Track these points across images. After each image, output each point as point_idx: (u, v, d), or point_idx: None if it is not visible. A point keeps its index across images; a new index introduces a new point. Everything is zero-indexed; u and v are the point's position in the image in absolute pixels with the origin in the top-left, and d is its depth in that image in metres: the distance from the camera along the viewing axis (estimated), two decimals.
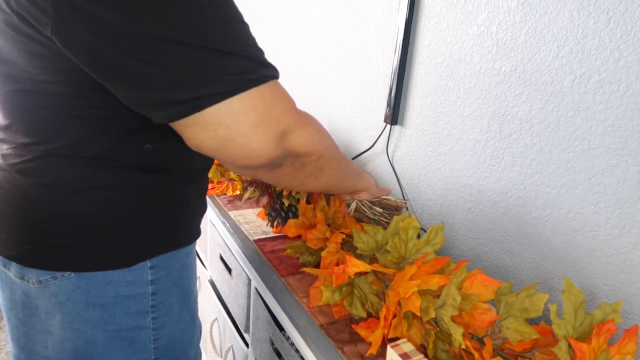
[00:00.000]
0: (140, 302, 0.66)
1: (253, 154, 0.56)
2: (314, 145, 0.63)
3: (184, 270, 0.73)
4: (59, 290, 0.62)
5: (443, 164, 1.05)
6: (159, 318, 0.69)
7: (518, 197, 0.89)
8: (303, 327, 0.75)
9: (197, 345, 0.81)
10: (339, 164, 0.74)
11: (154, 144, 0.61)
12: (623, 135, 0.70)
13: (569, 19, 0.76)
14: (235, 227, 1.08)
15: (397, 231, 0.80)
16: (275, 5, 1.74)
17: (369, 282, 0.76)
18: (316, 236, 0.88)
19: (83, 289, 0.62)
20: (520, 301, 0.62)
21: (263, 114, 0.54)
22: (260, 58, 0.55)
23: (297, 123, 0.59)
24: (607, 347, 0.57)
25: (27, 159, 0.60)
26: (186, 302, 0.75)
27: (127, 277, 0.64)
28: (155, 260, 0.67)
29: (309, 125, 0.61)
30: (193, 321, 0.78)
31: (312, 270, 0.78)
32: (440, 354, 0.67)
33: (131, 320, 0.66)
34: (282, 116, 0.56)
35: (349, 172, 0.81)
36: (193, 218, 0.74)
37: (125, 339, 0.66)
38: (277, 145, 0.57)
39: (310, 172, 0.68)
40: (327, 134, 0.67)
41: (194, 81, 0.51)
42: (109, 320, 0.64)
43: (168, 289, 0.70)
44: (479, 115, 0.95)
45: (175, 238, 0.70)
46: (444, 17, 0.99)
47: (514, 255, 0.91)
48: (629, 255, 0.72)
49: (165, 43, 0.49)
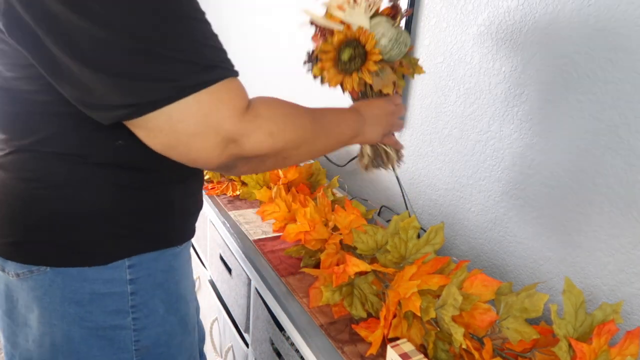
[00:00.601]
0: (119, 301, 0.65)
1: (197, 162, 0.56)
2: (266, 148, 0.58)
3: (171, 272, 0.71)
4: (36, 284, 0.62)
5: (443, 164, 1.05)
6: (140, 319, 0.67)
7: (518, 197, 0.89)
8: (303, 327, 0.75)
9: (189, 351, 0.78)
10: (311, 147, 0.67)
11: (126, 141, 0.58)
12: (623, 135, 0.70)
13: (569, 19, 0.76)
14: (235, 227, 1.08)
15: (396, 231, 0.80)
16: (275, 6, 1.74)
17: (369, 282, 0.76)
18: (314, 237, 0.88)
19: (59, 284, 0.62)
20: (520, 301, 0.62)
21: (200, 123, 0.52)
22: (203, 60, 0.53)
23: (243, 129, 0.55)
24: (607, 348, 0.57)
25: (4, 153, 0.61)
26: (174, 305, 0.72)
27: (104, 274, 0.63)
28: (135, 259, 0.65)
29: (258, 130, 0.57)
30: (184, 325, 0.75)
31: (312, 270, 0.78)
32: (440, 353, 0.67)
33: (109, 319, 0.65)
34: (223, 124, 0.53)
35: (330, 143, 0.72)
36: (181, 219, 0.72)
37: (104, 337, 0.65)
38: (221, 153, 0.55)
39: (273, 164, 0.65)
40: (289, 127, 0.61)
41: (130, 87, 0.50)
42: (86, 317, 0.63)
43: (150, 290, 0.68)
44: (479, 115, 0.95)
45: (157, 238, 0.68)
46: (444, 17, 0.99)
47: (514, 255, 0.91)
48: (629, 256, 0.72)
49: (99, 44, 0.48)
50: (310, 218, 0.92)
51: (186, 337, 0.76)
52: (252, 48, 1.98)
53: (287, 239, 0.92)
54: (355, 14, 0.75)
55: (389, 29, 0.76)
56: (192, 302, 0.79)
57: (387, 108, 0.80)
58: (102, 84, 0.50)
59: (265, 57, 1.87)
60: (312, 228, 0.90)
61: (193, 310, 0.79)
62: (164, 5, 0.50)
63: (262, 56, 1.89)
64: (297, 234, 0.92)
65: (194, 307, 0.80)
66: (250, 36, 1.99)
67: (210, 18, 0.57)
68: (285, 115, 0.61)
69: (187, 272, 0.78)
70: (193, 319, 0.79)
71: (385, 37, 0.76)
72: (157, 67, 0.50)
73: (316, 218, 0.92)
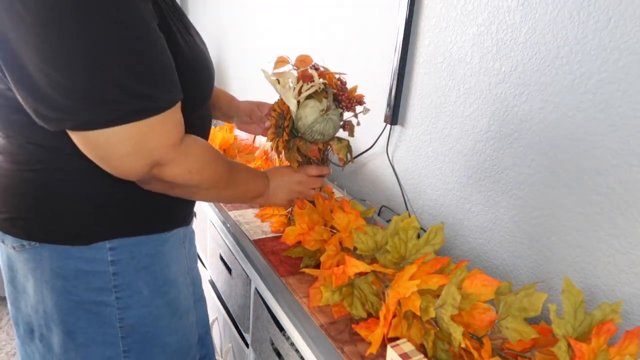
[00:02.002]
0: (102, 279, 0.70)
1: (122, 174, 0.63)
2: (181, 180, 0.67)
3: (158, 256, 0.75)
4: (29, 256, 0.69)
5: (443, 164, 1.05)
6: (123, 298, 0.71)
7: (518, 197, 0.89)
8: (303, 327, 0.75)
9: (181, 333, 0.81)
10: (218, 193, 0.77)
11: None
12: (624, 135, 0.70)
13: (568, 19, 0.76)
14: (235, 227, 1.08)
15: (396, 231, 0.80)
16: (274, 6, 1.74)
17: (369, 282, 0.76)
18: (314, 237, 0.88)
19: (47, 258, 0.68)
20: (519, 301, 0.62)
21: (138, 145, 0.60)
22: (147, 91, 0.58)
23: (169, 159, 0.64)
24: (606, 348, 0.57)
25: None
26: (161, 289, 0.75)
27: (86, 254, 0.68)
28: (116, 242, 0.70)
29: (181, 164, 0.65)
30: (173, 308, 0.78)
31: (312, 271, 0.78)
32: (440, 353, 0.67)
33: (93, 294, 0.70)
34: (157, 150, 0.61)
35: (235, 195, 0.82)
36: (165, 207, 0.75)
37: (90, 311, 0.70)
38: (146, 172, 0.63)
39: (182, 193, 0.73)
40: (207, 171, 0.70)
41: (76, 106, 0.55)
42: (72, 291, 0.69)
43: (133, 272, 0.72)
44: (479, 115, 0.95)
45: (139, 224, 0.72)
46: (444, 17, 0.99)
47: (514, 255, 0.91)
48: (629, 256, 0.72)
49: (48, 60, 0.53)
50: (308, 220, 0.92)
51: (176, 320, 0.79)
52: (251, 48, 1.98)
53: (286, 242, 0.92)
54: (286, 92, 0.82)
55: (310, 113, 0.82)
56: (185, 287, 0.82)
57: (295, 178, 0.89)
58: (48, 98, 0.55)
59: (263, 58, 1.87)
60: (311, 228, 0.90)
61: (186, 295, 0.82)
62: (120, 36, 0.54)
63: (262, 57, 1.89)
64: (296, 236, 0.92)
65: (188, 292, 0.83)
66: (250, 36, 1.99)
67: (208, 18, 0.57)
68: (208, 161, 0.70)
69: (179, 258, 0.81)
70: (186, 302, 0.82)
71: (301, 121, 0.82)
72: (105, 92, 0.55)
73: (315, 219, 0.92)
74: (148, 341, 0.75)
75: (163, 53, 0.59)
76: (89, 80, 0.54)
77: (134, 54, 0.55)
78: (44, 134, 0.62)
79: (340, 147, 0.87)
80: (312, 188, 0.91)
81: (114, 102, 0.56)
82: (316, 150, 0.89)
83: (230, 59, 2.21)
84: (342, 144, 0.88)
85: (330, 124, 0.83)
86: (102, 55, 0.53)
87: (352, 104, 0.85)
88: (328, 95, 0.82)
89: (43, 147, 0.64)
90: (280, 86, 0.82)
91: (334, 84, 0.84)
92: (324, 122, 0.82)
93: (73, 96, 0.54)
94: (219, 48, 2.32)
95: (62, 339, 0.71)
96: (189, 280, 0.84)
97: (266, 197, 0.87)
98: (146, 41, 0.57)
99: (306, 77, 0.81)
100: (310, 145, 0.87)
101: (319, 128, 0.82)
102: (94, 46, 0.53)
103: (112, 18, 0.52)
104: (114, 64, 0.54)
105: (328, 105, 0.82)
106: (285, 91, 0.81)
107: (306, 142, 0.86)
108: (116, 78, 0.55)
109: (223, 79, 2.30)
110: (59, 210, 0.67)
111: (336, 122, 0.85)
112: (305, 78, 0.81)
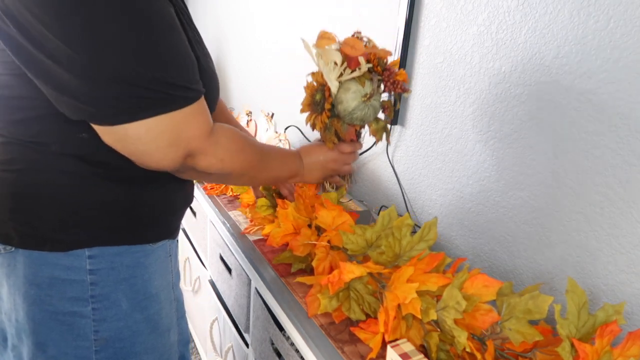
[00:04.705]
0: (78, 289, 0.66)
1: (159, 165, 0.63)
2: (215, 169, 0.68)
3: (139, 268, 0.71)
4: (5, 261, 0.66)
5: (443, 164, 1.05)
6: (100, 310, 0.68)
7: (518, 197, 0.89)
8: (303, 327, 0.75)
9: (159, 352, 0.77)
10: (251, 178, 0.80)
11: (90, 133, 0.61)
12: (623, 135, 0.70)
13: (569, 19, 0.76)
14: (235, 227, 1.08)
15: (385, 226, 0.79)
16: (274, 6, 1.74)
17: (364, 282, 0.76)
18: (302, 242, 0.86)
19: (22, 264, 0.65)
20: (524, 303, 0.62)
21: (175, 137, 0.61)
22: (184, 80, 0.59)
23: (204, 149, 0.65)
24: (610, 349, 0.57)
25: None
26: (141, 303, 0.72)
27: (63, 261, 0.65)
28: (95, 250, 0.66)
29: (214, 154, 0.67)
30: (152, 325, 0.74)
31: (307, 279, 0.77)
32: (440, 354, 0.67)
33: (68, 305, 0.66)
34: (192, 140, 0.63)
35: (268, 178, 0.86)
36: (151, 218, 0.73)
37: (63, 322, 0.67)
38: (180, 162, 0.64)
39: (216, 180, 0.77)
40: (239, 159, 0.71)
41: (118, 97, 0.55)
42: (45, 300, 0.66)
43: (112, 284, 0.69)
44: (479, 115, 0.94)
45: (121, 233, 0.69)
46: (444, 17, 0.99)
47: (514, 255, 0.91)
48: (629, 256, 0.72)
49: (86, 55, 0.53)
50: (292, 219, 0.90)
51: (155, 337, 0.75)
52: (251, 48, 1.98)
53: (273, 244, 0.90)
54: (329, 72, 0.79)
55: (352, 99, 0.78)
56: (167, 303, 0.78)
57: (329, 156, 0.88)
58: (91, 94, 0.55)
59: (264, 59, 1.86)
60: (297, 231, 0.88)
61: (168, 311, 0.78)
62: (151, 32, 0.55)
63: (261, 57, 1.89)
64: (282, 237, 0.90)
65: (171, 308, 0.79)
66: (250, 36, 1.99)
67: (208, 20, 0.58)
68: (238, 149, 0.71)
69: (164, 272, 0.77)
70: (167, 319, 0.78)
71: (342, 105, 0.79)
72: (144, 83, 0.56)
73: (298, 219, 0.90)
74: (123, 357, 0.71)
75: (188, 46, 0.61)
76: (129, 73, 0.55)
77: (167, 46, 0.57)
78: (28, 131, 0.61)
79: (377, 128, 0.84)
80: (346, 164, 0.91)
81: (151, 92, 0.56)
82: (353, 132, 0.86)
83: (230, 59, 2.21)
84: (379, 125, 0.84)
85: (371, 110, 0.80)
86: (141, 48, 0.55)
87: (397, 89, 0.80)
88: (373, 81, 0.78)
89: (26, 144, 0.62)
90: (324, 63, 0.77)
91: (380, 69, 0.80)
92: (365, 109, 0.79)
93: (110, 89, 0.55)
94: (218, 48, 2.31)
95: (31, 350, 0.67)
96: (173, 297, 0.81)
97: (301, 177, 0.88)
98: (177, 34, 0.59)
99: (354, 63, 0.77)
100: (349, 127, 0.84)
101: (360, 115, 0.79)
102: (135, 39, 0.54)
103: (145, 11, 0.55)
104: (151, 57, 0.56)
105: (372, 92, 0.78)
106: (329, 70, 0.77)
107: (344, 123, 0.83)
108: (152, 70, 0.56)
109: (223, 79, 2.29)
110: (35, 214, 0.64)
111: (377, 107, 0.81)
112: (352, 64, 0.77)
